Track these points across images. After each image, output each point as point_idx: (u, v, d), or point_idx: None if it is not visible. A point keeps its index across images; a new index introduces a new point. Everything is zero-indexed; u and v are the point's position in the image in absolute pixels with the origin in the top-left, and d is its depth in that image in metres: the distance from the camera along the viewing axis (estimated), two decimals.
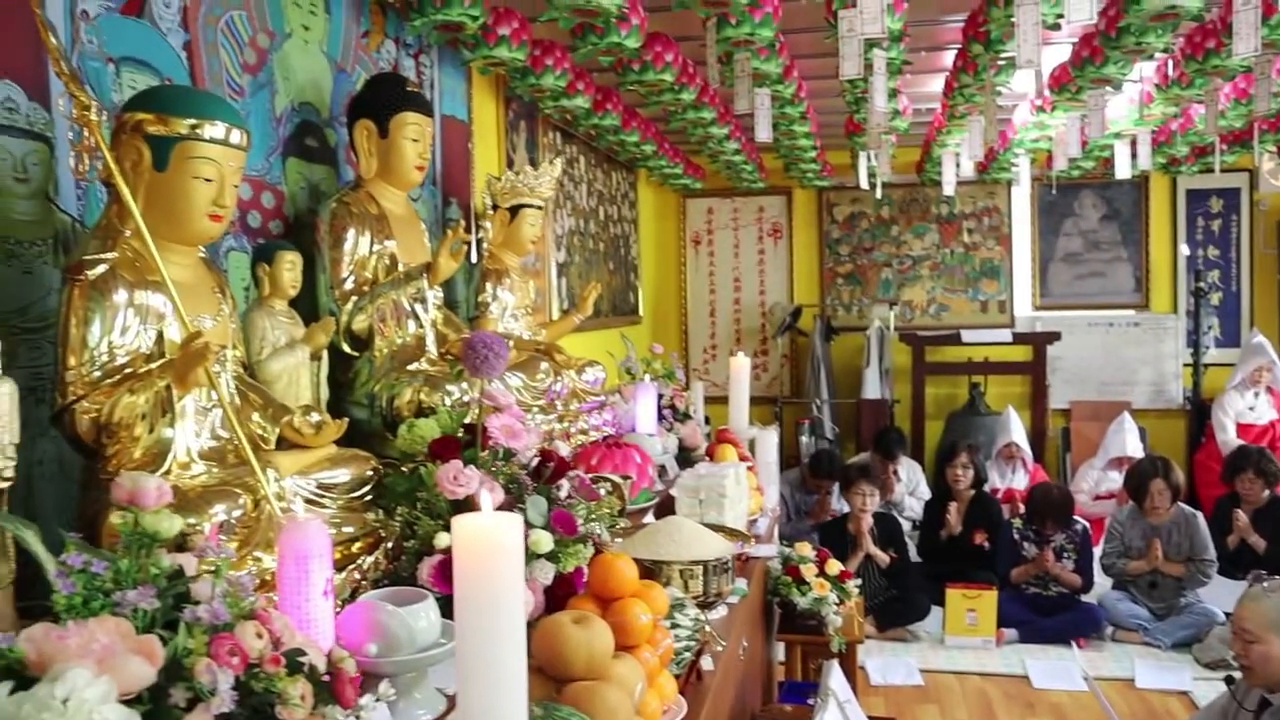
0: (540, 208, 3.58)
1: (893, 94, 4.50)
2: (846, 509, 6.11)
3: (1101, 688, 4.69)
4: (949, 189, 6.13)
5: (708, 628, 2.40)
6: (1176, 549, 5.37)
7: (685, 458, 4.07)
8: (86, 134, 1.65)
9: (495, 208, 3.52)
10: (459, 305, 3.54)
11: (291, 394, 2.28)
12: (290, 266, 2.38)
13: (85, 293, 1.71)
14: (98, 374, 1.72)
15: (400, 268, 2.71)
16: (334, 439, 2.01)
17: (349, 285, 2.62)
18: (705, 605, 2.50)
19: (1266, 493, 5.65)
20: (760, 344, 8.01)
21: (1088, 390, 7.72)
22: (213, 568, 1.21)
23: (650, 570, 2.36)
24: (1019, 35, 2.87)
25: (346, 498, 1.99)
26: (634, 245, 7.19)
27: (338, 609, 1.59)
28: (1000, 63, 4.06)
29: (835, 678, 3.06)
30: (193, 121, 1.78)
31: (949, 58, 4.80)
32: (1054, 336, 7.38)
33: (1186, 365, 7.50)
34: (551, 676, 1.69)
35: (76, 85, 1.63)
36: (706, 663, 2.34)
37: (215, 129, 1.80)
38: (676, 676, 2.07)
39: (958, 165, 5.74)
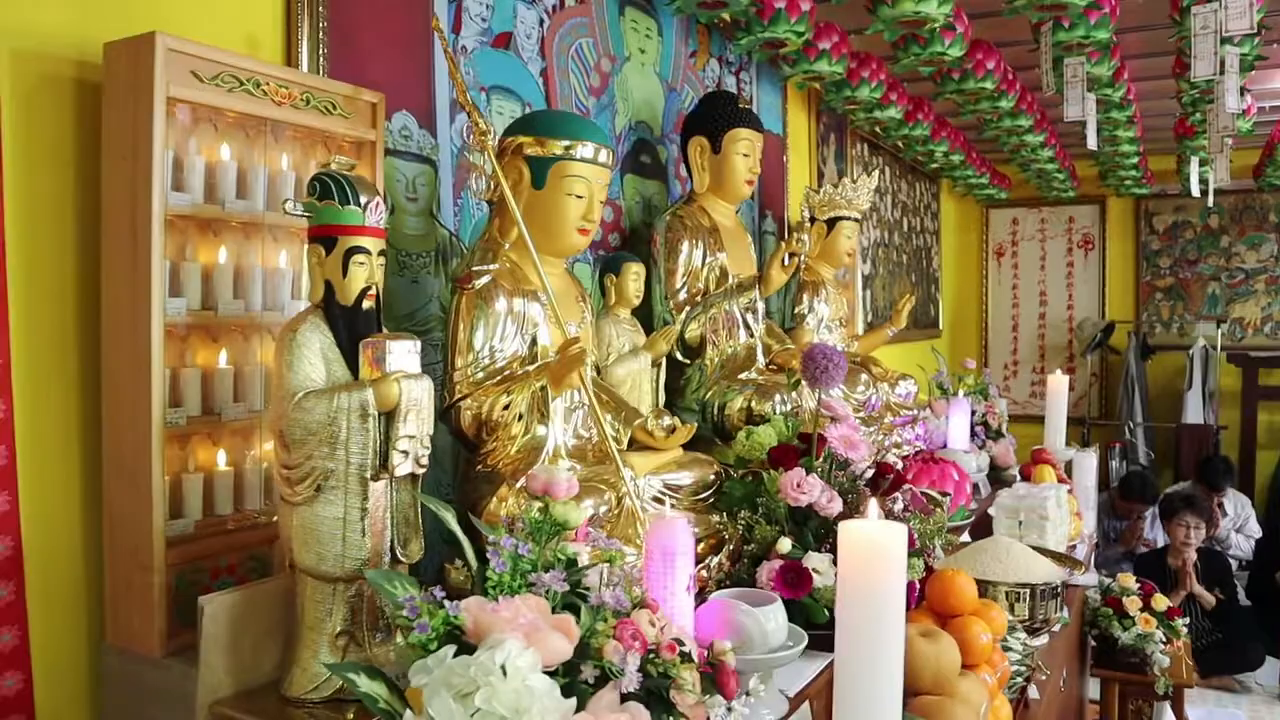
0: (857, 220, 3.59)
1: (1240, 93, 4.16)
2: (1159, 536, 5.68)
3: None
4: None
5: (1035, 655, 2.32)
6: None
7: (996, 477, 3.94)
8: (484, 156, 1.83)
9: (813, 220, 3.56)
10: (773, 316, 3.60)
11: (633, 398, 2.40)
12: (635, 277, 2.51)
13: (472, 301, 1.89)
14: (480, 375, 1.89)
15: (730, 279, 2.80)
16: (683, 443, 2.10)
17: (683, 295, 2.74)
18: (1031, 631, 2.42)
19: None
20: (1066, 361, 7.59)
21: None
22: (608, 557, 1.31)
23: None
24: None
25: (691, 499, 2.07)
26: (935, 257, 7.02)
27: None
28: None
29: None
30: (567, 143, 1.93)
31: None
32: None
33: None
34: None
35: (478, 113, 1.81)
36: (1032, 692, 2.26)
37: (586, 149, 1.94)
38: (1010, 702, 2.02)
39: None
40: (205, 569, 1.58)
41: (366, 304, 1.50)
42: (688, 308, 2.72)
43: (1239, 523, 6.19)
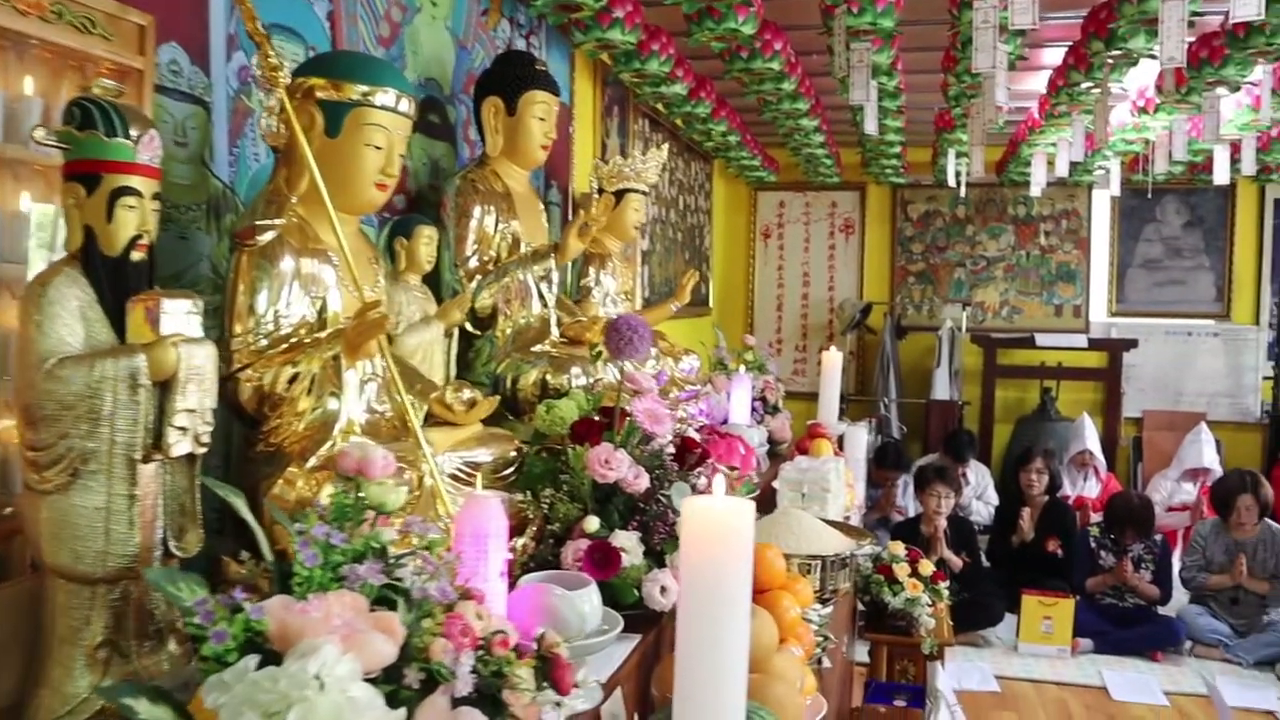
0: (645, 193, 3.54)
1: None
2: (911, 504, 6.02)
3: (1189, 704, 4.60)
4: (1037, 190, 6.01)
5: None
6: (1261, 566, 5.24)
7: (773, 451, 4.02)
8: (275, 96, 1.62)
9: (600, 191, 3.48)
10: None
11: (424, 371, 2.24)
12: (428, 241, 2.35)
13: (254, 260, 1.69)
14: (263, 343, 1.69)
15: (523, 247, 2.68)
16: (484, 417, 1.97)
17: (473, 263, 2.59)
18: (822, 602, 2.46)
19: None
20: (827, 340, 7.91)
21: (1162, 400, 7.56)
22: (427, 544, 1.17)
23: None
24: (1163, 32, 2.78)
25: (491, 477, 1.95)
26: (707, 236, 7.13)
27: None
28: (1109, 60, 3.96)
29: (942, 681, 3.00)
30: (366, 88, 1.75)
31: (1048, 55, 4.70)
32: (1131, 344, 7.23)
33: (1266, 378, 7.33)
34: None
35: (269, 45, 1.60)
36: (825, 661, 2.29)
37: (387, 96, 1.77)
38: None
39: (1051, 165, 5.62)
40: None
41: (136, 255, 1.29)
42: (479, 276, 2.58)
43: (979, 491, 6.65)
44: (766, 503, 3.06)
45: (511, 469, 2.00)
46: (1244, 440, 7.38)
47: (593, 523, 1.88)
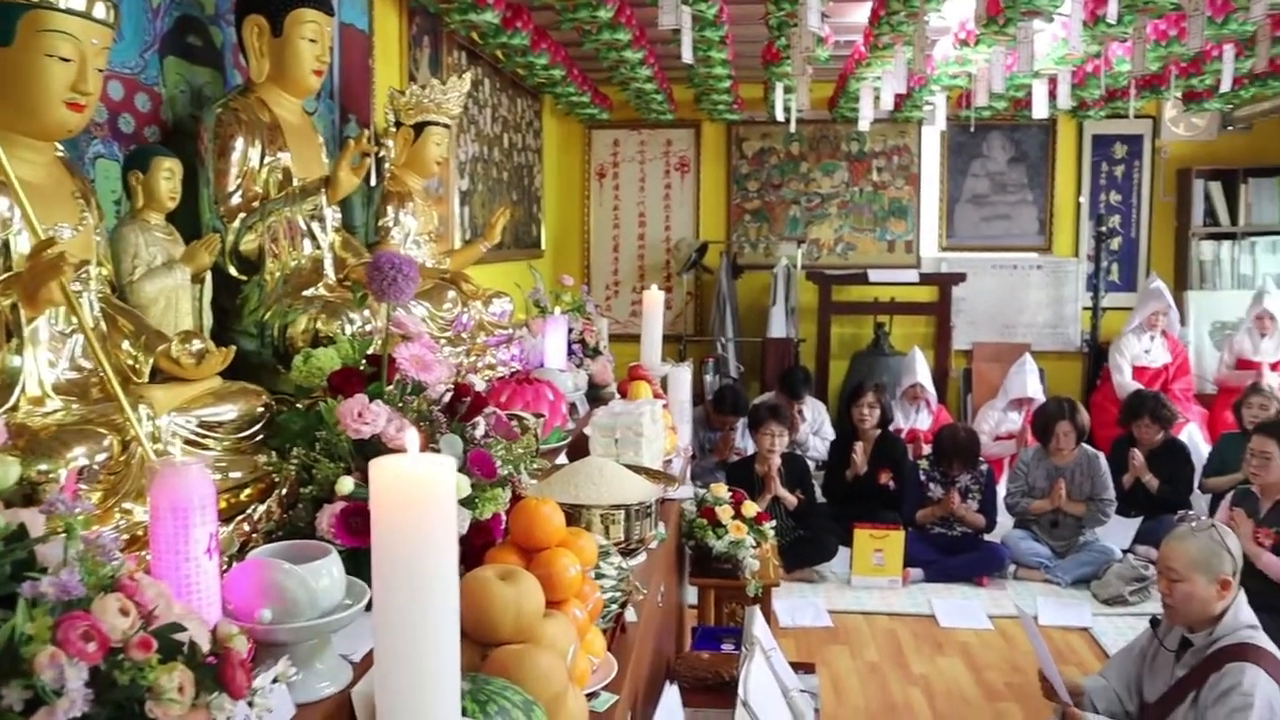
0: (447, 126, 3.31)
1: (821, 16, 4.31)
2: (751, 446, 6.01)
3: (1010, 626, 4.73)
4: (865, 124, 5.99)
5: (630, 577, 2.24)
6: (1079, 489, 5.44)
7: (595, 395, 3.89)
8: None
9: (398, 125, 3.24)
10: (357, 230, 3.27)
11: (169, 320, 2.01)
12: (168, 175, 2.09)
13: None
14: None
15: (295, 182, 2.44)
16: (218, 371, 1.75)
17: (236, 200, 2.34)
18: (627, 552, 2.35)
19: (1161, 435, 5.76)
20: (664, 280, 7.82)
21: (990, 332, 7.76)
22: (64, 526, 0.97)
23: (568, 515, 2.18)
24: None
25: (233, 438, 1.75)
26: (538, 176, 6.91)
27: (224, 568, 1.37)
28: None
29: (758, 625, 2.94)
30: None
31: None
32: (959, 278, 7.37)
33: (1085, 308, 7.58)
34: (474, 640, 1.50)
35: None
36: (630, 614, 2.18)
37: None
38: (603, 631, 1.91)
39: (877, 99, 5.59)
40: None
41: None
42: (242, 215, 2.33)
43: (816, 427, 6.70)
44: (581, 450, 2.93)
45: (259, 427, 1.79)
46: (1065, 369, 7.65)
47: (346, 484, 1.69)
